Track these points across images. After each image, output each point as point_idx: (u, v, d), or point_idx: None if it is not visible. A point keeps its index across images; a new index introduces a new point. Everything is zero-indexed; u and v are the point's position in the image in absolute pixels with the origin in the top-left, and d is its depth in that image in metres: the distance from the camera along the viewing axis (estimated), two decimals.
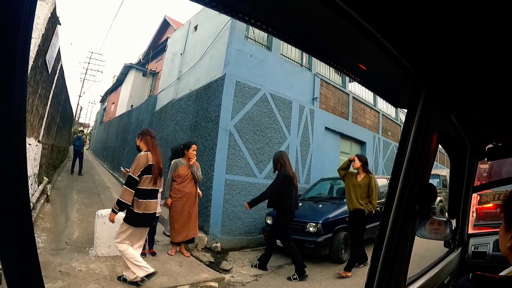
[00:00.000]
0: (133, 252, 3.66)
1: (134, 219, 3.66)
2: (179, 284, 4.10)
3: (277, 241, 5.65)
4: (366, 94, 11.79)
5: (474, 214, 5.21)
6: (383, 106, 12.94)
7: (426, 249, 4.44)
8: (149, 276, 3.62)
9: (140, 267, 3.60)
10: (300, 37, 0.85)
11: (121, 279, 3.77)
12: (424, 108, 1.07)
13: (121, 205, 3.57)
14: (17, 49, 0.47)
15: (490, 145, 1.97)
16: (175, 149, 5.95)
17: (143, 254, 4.63)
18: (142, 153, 3.74)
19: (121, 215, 3.77)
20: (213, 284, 4.33)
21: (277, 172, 5.07)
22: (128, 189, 3.55)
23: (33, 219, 5.15)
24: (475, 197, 5.34)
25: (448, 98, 1.17)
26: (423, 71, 1.01)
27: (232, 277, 4.68)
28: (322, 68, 9.67)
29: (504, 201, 1.01)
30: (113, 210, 3.61)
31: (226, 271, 5.00)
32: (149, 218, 3.80)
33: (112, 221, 3.67)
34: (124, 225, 3.69)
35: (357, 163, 5.16)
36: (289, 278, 4.67)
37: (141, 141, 3.86)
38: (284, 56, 8.50)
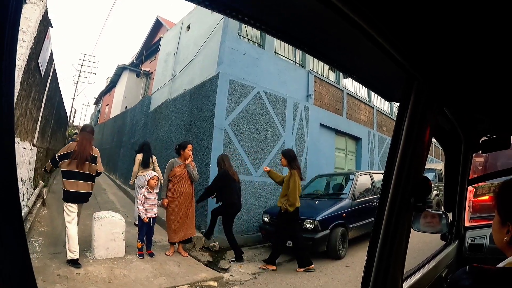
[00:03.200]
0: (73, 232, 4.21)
1: (63, 196, 4.36)
2: (178, 284, 4.10)
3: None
4: (360, 90, 11.81)
5: (470, 207, 5.24)
6: (378, 101, 12.97)
7: (423, 243, 4.47)
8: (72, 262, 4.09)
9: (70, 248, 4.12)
10: (293, 34, 0.85)
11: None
12: (417, 102, 1.07)
13: (45, 170, 4.85)
14: (3, 51, 0.46)
15: (484, 138, 1.97)
16: (137, 145, 7.12)
17: (141, 255, 4.63)
18: (70, 142, 4.57)
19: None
20: (212, 283, 4.33)
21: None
22: (49, 163, 4.59)
23: (29, 223, 5.11)
24: (470, 190, 5.38)
25: (441, 92, 1.17)
26: (415, 65, 1.01)
27: (231, 275, 4.68)
28: (315, 65, 9.68)
29: (496, 193, 1.00)
30: (45, 169, 4.86)
31: (225, 270, 5.00)
32: (73, 195, 4.34)
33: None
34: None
35: (283, 161, 5.11)
36: (232, 261, 5.29)
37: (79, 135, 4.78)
38: (277, 53, 8.50)
